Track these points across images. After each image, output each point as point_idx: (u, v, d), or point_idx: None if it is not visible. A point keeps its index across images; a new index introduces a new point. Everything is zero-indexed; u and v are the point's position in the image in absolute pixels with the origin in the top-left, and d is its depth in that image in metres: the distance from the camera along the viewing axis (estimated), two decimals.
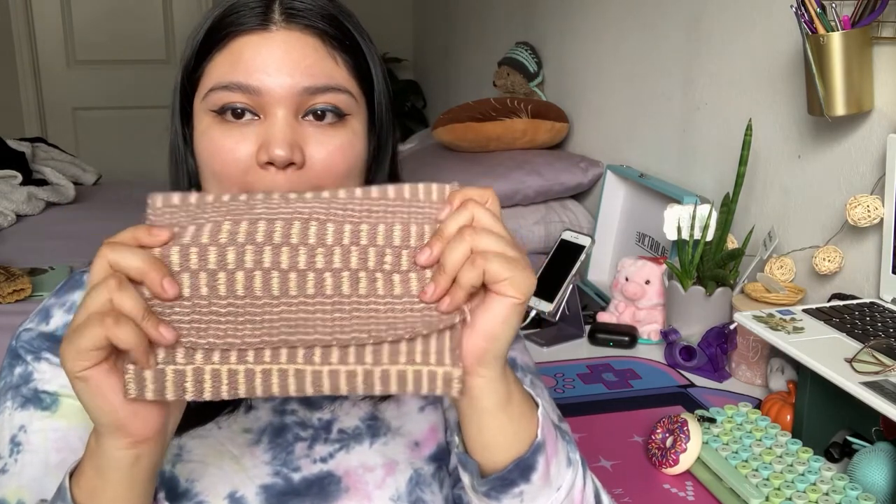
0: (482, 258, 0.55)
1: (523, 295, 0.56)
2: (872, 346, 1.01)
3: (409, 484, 0.75)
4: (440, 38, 3.63)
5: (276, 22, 0.66)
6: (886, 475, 0.96)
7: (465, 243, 0.55)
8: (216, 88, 0.66)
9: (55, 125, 3.86)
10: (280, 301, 0.56)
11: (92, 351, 0.51)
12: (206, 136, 0.67)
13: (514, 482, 0.62)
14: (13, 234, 2.35)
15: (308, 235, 0.56)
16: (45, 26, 3.78)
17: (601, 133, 2.16)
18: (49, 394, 0.70)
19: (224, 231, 0.56)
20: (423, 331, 0.55)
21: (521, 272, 0.56)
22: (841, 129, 1.32)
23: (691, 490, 1.04)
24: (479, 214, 0.57)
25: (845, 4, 1.20)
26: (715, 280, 1.40)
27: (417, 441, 0.77)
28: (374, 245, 0.57)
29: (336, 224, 0.57)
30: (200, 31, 0.69)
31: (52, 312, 0.73)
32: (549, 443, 0.64)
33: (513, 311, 0.56)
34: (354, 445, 0.74)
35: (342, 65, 0.68)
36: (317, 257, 0.56)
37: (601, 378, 1.37)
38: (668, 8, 1.79)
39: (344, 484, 0.73)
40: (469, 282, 0.55)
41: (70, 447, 0.68)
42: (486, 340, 0.57)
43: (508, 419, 0.61)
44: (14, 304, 1.77)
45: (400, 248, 0.57)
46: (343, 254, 0.56)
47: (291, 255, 0.56)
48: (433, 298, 0.56)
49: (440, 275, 0.56)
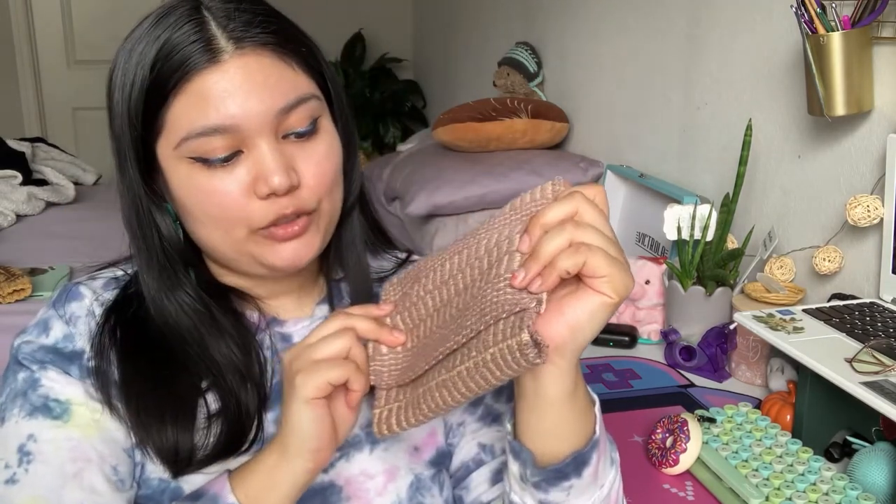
0: (587, 248, 0.55)
1: (619, 296, 0.56)
2: (872, 346, 1.01)
3: (409, 489, 0.75)
4: (440, 38, 3.63)
5: (225, 50, 0.64)
6: (886, 475, 0.96)
7: (566, 233, 0.55)
8: (190, 137, 0.64)
9: (55, 125, 3.86)
10: (436, 324, 0.62)
11: (328, 385, 0.60)
12: (192, 183, 0.66)
13: (567, 475, 0.63)
14: (13, 234, 2.35)
15: (469, 258, 0.63)
16: (45, 26, 3.78)
17: (601, 133, 2.16)
18: (59, 402, 0.68)
19: (430, 279, 0.64)
20: (501, 314, 0.56)
21: (621, 272, 0.56)
22: (841, 129, 1.32)
23: (691, 490, 1.04)
24: (584, 208, 0.57)
25: (845, 4, 1.20)
26: (715, 280, 1.40)
27: (417, 446, 0.76)
28: (496, 250, 0.60)
29: (486, 238, 0.62)
30: (142, 78, 0.65)
31: (50, 324, 0.72)
32: (602, 440, 0.65)
33: (603, 309, 0.57)
34: (354, 453, 0.74)
35: (298, 68, 0.67)
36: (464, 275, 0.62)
37: (601, 378, 1.37)
38: (669, 8, 1.79)
39: (345, 493, 0.73)
40: (566, 267, 0.55)
41: (85, 457, 0.67)
42: (570, 331, 0.57)
43: (571, 411, 0.62)
44: (14, 304, 1.76)
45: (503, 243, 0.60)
46: (481, 268, 0.61)
47: (464, 277, 0.62)
48: (522, 284, 0.56)
49: (532, 261, 0.56)
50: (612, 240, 0.57)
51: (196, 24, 0.64)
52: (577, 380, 0.62)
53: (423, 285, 0.64)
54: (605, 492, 0.65)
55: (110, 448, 0.68)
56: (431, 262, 0.65)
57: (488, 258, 0.60)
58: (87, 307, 0.72)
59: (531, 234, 0.57)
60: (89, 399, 0.69)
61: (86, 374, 0.70)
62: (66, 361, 0.70)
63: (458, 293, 0.61)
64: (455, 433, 0.78)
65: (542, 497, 0.64)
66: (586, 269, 0.55)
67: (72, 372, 0.69)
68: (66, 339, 0.71)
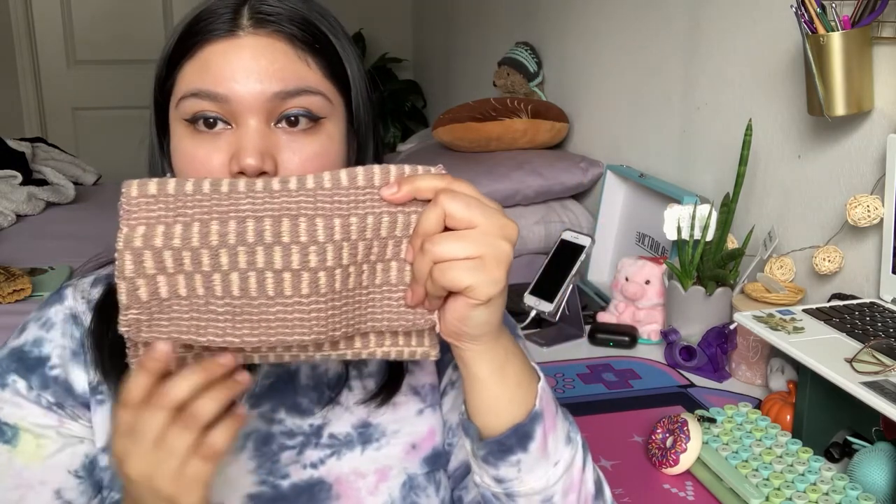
0: (438, 271, 0.56)
1: (485, 298, 0.57)
2: (872, 346, 1.01)
3: (402, 489, 0.74)
4: (440, 38, 3.63)
5: (245, 27, 0.65)
6: (886, 475, 0.96)
7: (427, 256, 0.56)
8: (186, 96, 0.65)
9: (55, 125, 3.86)
10: (276, 301, 0.56)
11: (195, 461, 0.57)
12: (180, 147, 0.66)
13: (512, 449, 0.64)
14: (13, 234, 2.35)
15: (299, 233, 0.56)
16: (45, 26, 3.78)
17: (601, 133, 2.16)
18: (10, 426, 0.70)
19: (214, 233, 0.55)
20: (403, 327, 0.61)
21: (484, 276, 0.56)
22: (841, 129, 1.32)
23: (691, 490, 1.04)
24: (450, 209, 0.56)
25: (845, 4, 1.20)
26: (715, 280, 1.40)
27: (414, 443, 0.76)
28: (364, 239, 0.57)
29: (325, 219, 0.56)
30: (171, 40, 0.68)
31: (27, 327, 0.73)
32: (548, 416, 0.65)
33: (476, 308, 0.58)
34: (346, 452, 0.74)
35: (315, 67, 0.67)
36: (310, 255, 0.56)
37: (601, 378, 1.37)
38: (669, 8, 1.79)
39: (335, 491, 0.73)
40: (434, 293, 0.58)
41: (26, 484, 0.69)
42: (460, 322, 0.59)
43: (504, 387, 0.63)
44: (14, 304, 1.77)
45: (386, 239, 0.58)
46: (335, 250, 0.56)
47: (284, 255, 0.56)
48: (412, 304, 0.59)
49: (414, 283, 0.59)
50: (474, 236, 0.56)
51: (235, 3, 0.66)
52: (506, 357, 0.63)
53: (218, 233, 0.55)
54: (560, 469, 0.66)
55: (52, 473, 0.70)
56: (217, 198, 0.56)
57: (365, 247, 0.57)
58: (66, 310, 0.73)
59: (413, 246, 0.58)
60: (36, 424, 0.70)
61: (44, 384, 0.70)
62: (27, 369, 0.70)
63: (325, 270, 0.56)
64: (454, 433, 0.78)
65: (495, 473, 0.65)
66: (449, 287, 0.57)
67: (32, 382, 0.70)
68: (34, 344, 0.71)
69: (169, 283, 0.55)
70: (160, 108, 0.69)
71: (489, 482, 0.66)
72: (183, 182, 0.56)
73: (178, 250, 0.55)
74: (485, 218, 0.56)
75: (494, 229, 0.56)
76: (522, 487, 0.65)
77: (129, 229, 0.55)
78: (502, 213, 0.58)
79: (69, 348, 0.71)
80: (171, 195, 0.56)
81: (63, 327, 0.72)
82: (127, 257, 0.55)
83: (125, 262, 0.55)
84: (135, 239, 0.55)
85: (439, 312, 0.60)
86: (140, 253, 0.55)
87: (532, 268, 1.52)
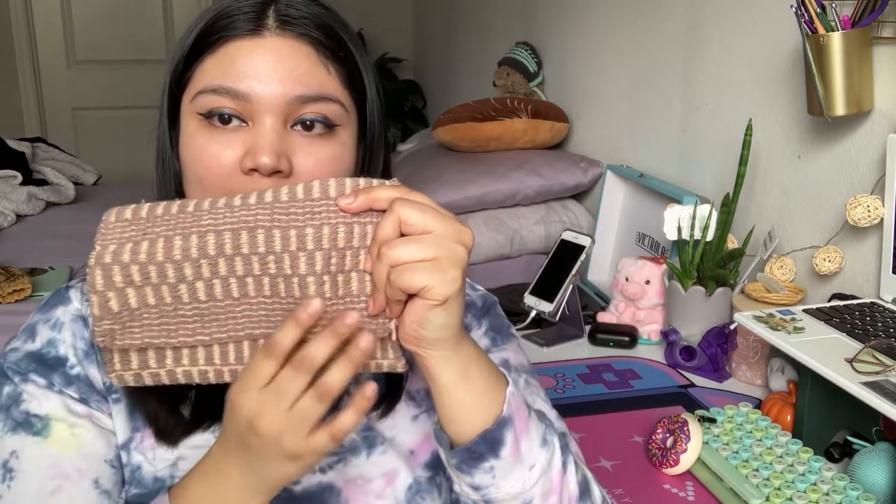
0: (396, 274, 0.57)
1: (442, 297, 0.57)
2: (873, 346, 1.01)
3: (408, 492, 0.75)
4: (440, 38, 3.63)
5: (270, 28, 0.66)
6: (887, 475, 0.96)
7: (384, 261, 0.57)
8: (205, 91, 0.65)
9: (55, 125, 3.86)
10: (241, 301, 0.60)
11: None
12: (193, 141, 0.66)
13: (483, 456, 0.63)
14: (13, 234, 2.35)
15: (257, 244, 0.58)
16: (45, 26, 3.78)
17: (601, 133, 2.16)
18: (40, 418, 0.69)
19: (177, 248, 0.58)
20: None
21: (440, 276, 0.57)
22: (841, 129, 1.32)
23: (691, 490, 1.04)
24: (405, 215, 0.57)
25: (845, 4, 1.20)
26: (715, 280, 1.40)
27: (412, 450, 0.77)
28: (321, 249, 0.59)
29: (282, 230, 0.58)
30: (192, 33, 0.68)
31: (37, 330, 0.72)
32: (519, 420, 0.65)
33: (434, 309, 0.58)
34: (352, 458, 0.74)
35: (335, 75, 0.67)
36: (269, 264, 0.59)
37: (601, 378, 1.37)
38: (669, 8, 1.79)
39: (344, 495, 0.73)
40: (393, 297, 0.58)
41: (63, 474, 0.68)
42: (419, 325, 0.59)
43: (468, 393, 0.63)
44: (14, 304, 1.77)
45: (344, 250, 0.59)
46: (292, 260, 0.59)
47: (245, 264, 0.59)
48: (374, 312, 0.60)
49: (374, 290, 0.59)
50: (431, 239, 0.57)
51: (260, 2, 0.67)
52: (468, 363, 0.63)
53: (181, 247, 0.58)
54: (536, 473, 0.65)
55: (89, 462, 0.69)
56: (182, 217, 0.59)
57: (323, 258, 0.59)
58: (74, 312, 0.73)
59: (371, 253, 0.59)
60: (68, 413, 0.69)
61: (67, 382, 0.70)
62: (48, 369, 0.70)
63: (283, 277, 0.59)
64: None
65: (470, 480, 0.65)
66: (406, 290, 0.57)
67: (54, 380, 0.70)
68: (49, 345, 0.71)
69: (138, 294, 0.59)
70: (173, 98, 0.69)
71: (467, 490, 0.66)
72: (156, 205, 0.60)
73: (145, 264, 0.58)
74: (439, 223, 0.57)
75: (449, 233, 0.57)
76: (499, 493, 0.65)
77: (101, 248, 0.59)
78: (457, 220, 0.59)
79: (81, 349, 0.71)
80: (144, 218, 0.60)
81: (72, 327, 0.72)
82: (97, 272, 0.58)
83: (96, 277, 0.58)
84: (105, 256, 0.59)
85: (398, 319, 0.60)
86: (109, 268, 0.58)
87: (532, 268, 1.52)
